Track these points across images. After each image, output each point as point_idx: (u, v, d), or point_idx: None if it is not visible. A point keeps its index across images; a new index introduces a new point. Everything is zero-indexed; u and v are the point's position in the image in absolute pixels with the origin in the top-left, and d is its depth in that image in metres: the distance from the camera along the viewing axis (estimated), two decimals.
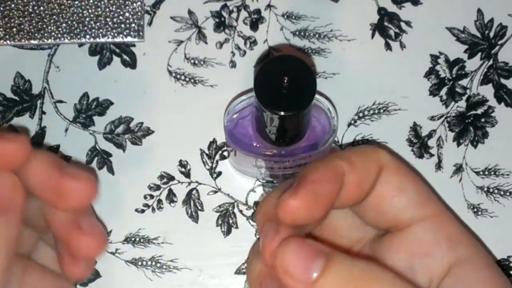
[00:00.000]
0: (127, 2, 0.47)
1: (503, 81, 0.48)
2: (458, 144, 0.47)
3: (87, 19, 0.47)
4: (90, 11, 0.47)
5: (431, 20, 0.48)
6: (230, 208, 0.46)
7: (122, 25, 0.47)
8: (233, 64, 0.47)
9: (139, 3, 0.48)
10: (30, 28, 0.47)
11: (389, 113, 0.47)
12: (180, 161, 0.46)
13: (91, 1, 0.47)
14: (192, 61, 0.47)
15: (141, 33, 0.47)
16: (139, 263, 0.45)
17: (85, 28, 0.47)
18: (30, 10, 0.47)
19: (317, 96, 0.37)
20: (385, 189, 0.33)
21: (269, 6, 0.48)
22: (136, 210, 0.46)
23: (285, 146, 0.40)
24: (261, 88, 0.35)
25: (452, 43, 0.48)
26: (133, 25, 0.47)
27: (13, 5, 0.47)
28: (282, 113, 0.35)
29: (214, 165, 0.46)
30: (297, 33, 0.48)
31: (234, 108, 0.40)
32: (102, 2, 0.47)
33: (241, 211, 0.46)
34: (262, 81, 0.35)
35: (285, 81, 0.35)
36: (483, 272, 0.33)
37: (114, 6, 0.47)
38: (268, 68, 0.35)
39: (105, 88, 0.47)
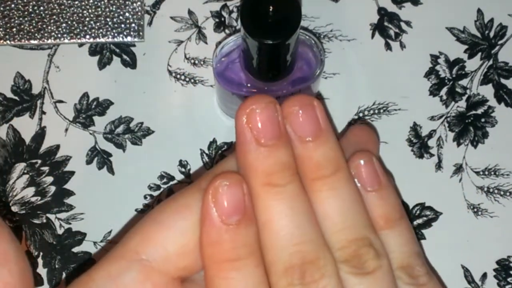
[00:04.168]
0: (127, 2, 0.47)
1: (503, 81, 0.48)
2: (458, 144, 0.47)
3: (87, 19, 0.47)
4: (90, 11, 0.47)
5: (431, 20, 0.48)
6: None
7: (122, 25, 0.47)
8: None
9: (139, 3, 0.48)
10: (30, 28, 0.47)
11: (389, 113, 0.47)
12: (180, 161, 0.46)
13: (91, 1, 0.47)
14: (192, 61, 0.47)
15: (141, 33, 0.47)
16: None
17: (85, 28, 0.47)
18: (30, 10, 0.47)
19: (302, 31, 0.38)
20: None
21: None
22: (136, 210, 0.46)
23: (273, 81, 0.40)
24: (247, 18, 0.35)
25: (452, 43, 0.48)
26: (133, 25, 0.47)
27: (13, 5, 0.47)
28: (270, 41, 0.35)
29: (214, 165, 0.46)
30: None
31: (221, 51, 0.41)
32: (102, 2, 0.47)
33: None
34: (248, 11, 0.36)
35: (271, 10, 0.35)
36: None
37: (114, 6, 0.47)
38: None
39: (105, 88, 0.47)
